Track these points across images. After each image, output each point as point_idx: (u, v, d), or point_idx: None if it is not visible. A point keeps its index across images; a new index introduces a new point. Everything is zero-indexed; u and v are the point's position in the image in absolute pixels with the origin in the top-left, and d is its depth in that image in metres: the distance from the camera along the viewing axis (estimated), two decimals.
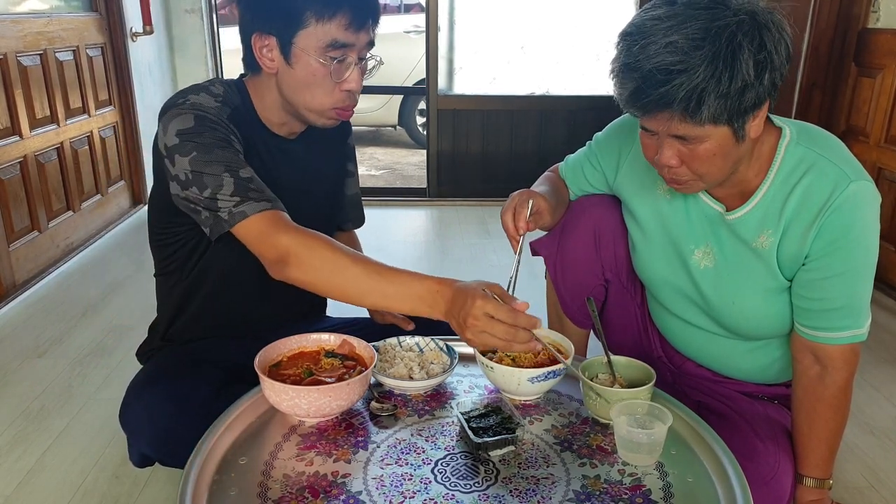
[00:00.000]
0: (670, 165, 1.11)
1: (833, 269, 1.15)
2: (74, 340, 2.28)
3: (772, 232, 1.19)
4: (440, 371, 1.27)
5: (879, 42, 2.78)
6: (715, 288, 1.28)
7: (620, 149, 1.38)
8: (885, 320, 2.49)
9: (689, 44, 0.98)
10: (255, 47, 1.24)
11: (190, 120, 1.20)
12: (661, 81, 1.00)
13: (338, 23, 1.20)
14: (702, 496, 1.01)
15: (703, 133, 1.05)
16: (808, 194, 1.14)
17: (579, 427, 1.17)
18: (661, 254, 1.34)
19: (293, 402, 1.11)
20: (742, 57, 0.99)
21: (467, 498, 0.99)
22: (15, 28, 2.70)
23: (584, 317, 1.54)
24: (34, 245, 2.78)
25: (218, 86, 1.29)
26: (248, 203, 1.16)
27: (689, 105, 1.00)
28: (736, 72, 0.99)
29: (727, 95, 1.00)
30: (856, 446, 1.76)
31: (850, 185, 1.11)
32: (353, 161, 1.60)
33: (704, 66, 0.98)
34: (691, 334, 1.39)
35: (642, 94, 1.02)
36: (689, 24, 0.99)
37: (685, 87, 0.99)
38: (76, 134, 3.11)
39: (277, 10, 1.20)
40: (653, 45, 1.00)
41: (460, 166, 4.05)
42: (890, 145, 2.70)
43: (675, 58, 0.99)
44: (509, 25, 3.95)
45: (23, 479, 1.61)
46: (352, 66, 1.24)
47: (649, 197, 1.34)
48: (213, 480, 1.02)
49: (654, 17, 1.02)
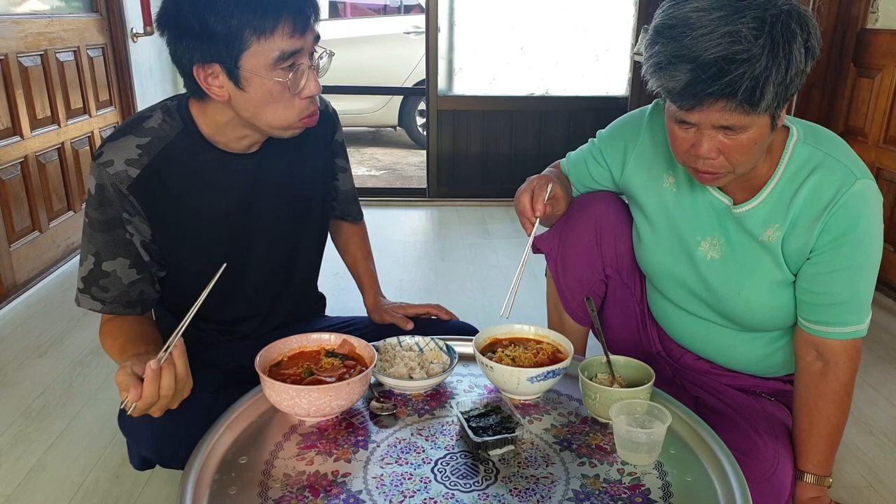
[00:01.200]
0: (710, 157, 1.10)
1: (838, 264, 1.17)
2: (75, 340, 2.29)
3: (779, 226, 1.20)
4: (440, 371, 1.27)
5: (878, 42, 2.78)
6: (721, 278, 1.28)
7: (626, 145, 1.39)
8: (884, 320, 2.49)
9: (751, 33, 0.98)
10: (198, 78, 1.15)
11: (93, 185, 1.23)
12: (724, 71, 0.98)
13: (280, 33, 1.11)
14: (701, 495, 1.01)
15: (751, 122, 1.05)
16: (816, 191, 1.16)
17: (579, 426, 1.17)
18: (667, 245, 1.35)
19: (293, 402, 1.11)
20: (796, 45, 1.00)
21: (467, 497, 0.99)
22: (16, 29, 2.70)
23: (585, 314, 1.54)
24: (35, 245, 2.79)
25: (157, 116, 1.26)
26: (85, 296, 1.28)
27: (752, 95, 1.00)
28: (792, 60, 1.00)
29: (783, 83, 1.01)
30: (855, 446, 1.76)
31: (856, 183, 1.13)
32: (344, 157, 1.56)
33: (766, 54, 0.98)
34: (692, 325, 1.40)
35: (700, 84, 1.01)
36: (743, 13, 0.99)
37: (748, 76, 0.99)
38: (77, 134, 3.11)
39: (213, 36, 1.10)
40: (707, 35, 0.99)
41: (460, 167, 4.05)
42: (888, 145, 2.70)
43: (740, 46, 0.98)
44: (509, 26, 3.95)
45: (23, 479, 1.61)
46: (306, 72, 1.17)
47: (656, 190, 1.35)
48: (213, 480, 1.02)
49: (698, 10, 1.01)
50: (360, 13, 7.18)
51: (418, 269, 3.01)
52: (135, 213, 1.25)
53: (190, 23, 1.11)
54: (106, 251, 1.25)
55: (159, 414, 1.07)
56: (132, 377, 1.03)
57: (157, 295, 1.34)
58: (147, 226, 1.27)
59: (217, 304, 1.38)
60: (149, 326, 1.31)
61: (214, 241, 1.34)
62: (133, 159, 1.23)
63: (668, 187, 1.33)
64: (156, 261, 1.31)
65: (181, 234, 1.30)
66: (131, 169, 1.22)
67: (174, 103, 1.28)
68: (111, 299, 1.27)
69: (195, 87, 1.18)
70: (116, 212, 1.24)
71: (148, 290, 1.31)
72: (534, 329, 1.34)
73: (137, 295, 1.29)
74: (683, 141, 1.12)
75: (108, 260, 1.25)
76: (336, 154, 1.54)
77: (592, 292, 1.51)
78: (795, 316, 1.27)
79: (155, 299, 1.34)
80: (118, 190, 1.22)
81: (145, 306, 1.32)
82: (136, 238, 1.27)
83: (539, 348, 1.28)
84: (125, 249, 1.26)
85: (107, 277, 1.26)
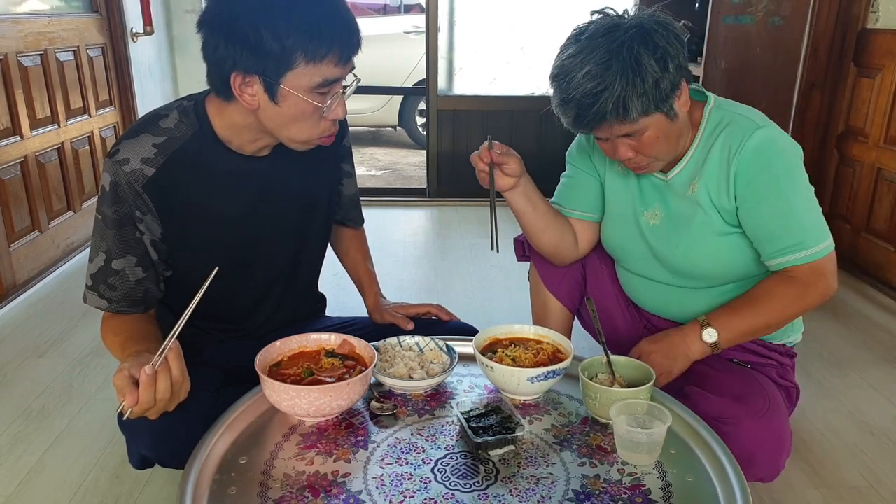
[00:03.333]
0: (628, 158, 1.32)
1: (760, 196, 1.30)
2: (75, 340, 2.28)
3: (698, 178, 1.36)
4: (440, 371, 1.27)
5: (878, 42, 2.78)
6: (662, 239, 1.43)
7: (589, 151, 1.55)
8: (884, 320, 2.49)
9: (601, 68, 1.19)
10: (233, 83, 1.16)
11: (107, 181, 1.24)
12: (592, 103, 1.21)
13: (328, 61, 1.15)
14: (701, 496, 1.01)
15: (642, 126, 1.25)
16: (725, 143, 1.32)
17: (579, 427, 1.17)
18: (621, 221, 1.51)
19: (293, 402, 1.11)
20: (644, 61, 1.19)
21: (467, 497, 0.99)
22: (15, 28, 2.70)
23: (567, 292, 1.64)
24: (35, 245, 2.79)
25: (173, 116, 1.27)
26: (92, 294, 1.28)
27: (619, 112, 1.21)
28: (645, 73, 1.19)
29: (646, 93, 1.21)
30: (855, 446, 1.76)
31: (757, 130, 1.30)
32: (350, 162, 1.58)
33: (619, 79, 1.19)
34: (652, 289, 1.52)
35: (582, 117, 1.24)
36: (595, 52, 1.20)
37: (610, 100, 1.20)
38: (77, 134, 3.11)
39: (264, 51, 1.12)
40: (574, 78, 1.21)
41: (460, 166, 4.04)
42: (889, 145, 2.70)
43: (595, 82, 1.20)
44: (509, 26, 3.95)
45: (23, 479, 1.61)
46: (338, 97, 1.21)
47: (610, 176, 1.52)
48: (213, 480, 1.02)
49: (569, 56, 1.24)
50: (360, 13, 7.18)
51: (418, 269, 3.01)
52: (147, 211, 1.25)
53: (245, 33, 1.11)
54: (116, 249, 1.26)
55: (156, 416, 1.07)
56: (129, 381, 1.03)
57: (160, 294, 1.34)
58: (158, 224, 1.27)
59: (222, 304, 1.39)
60: (150, 324, 1.31)
61: (222, 242, 1.34)
62: (149, 158, 1.23)
63: (619, 171, 1.50)
64: (163, 260, 1.31)
65: (191, 234, 1.31)
66: (147, 167, 1.23)
67: (190, 103, 1.29)
68: (117, 298, 1.28)
69: (224, 89, 1.19)
70: (129, 209, 1.24)
71: (152, 290, 1.31)
72: (534, 329, 1.34)
73: (142, 294, 1.30)
74: (607, 150, 1.35)
75: (117, 258, 1.26)
76: (343, 159, 1.55)
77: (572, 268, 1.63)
78: (742, 265, 1.38)
79: (158, 298, 1.34)
80: (133, 188, 1.23)
81: (148, 305, 1.32)
82: (147, 237, 1.27)
83: (539, 348, 1.28)
84: (134, 247, 1.27)
85: (116, 276, 1.26)
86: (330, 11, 1.15)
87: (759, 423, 1.24)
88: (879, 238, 2.75)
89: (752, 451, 1.22)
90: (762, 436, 1.23)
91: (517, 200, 1.46)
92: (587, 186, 1.55)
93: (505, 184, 1.42)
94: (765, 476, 1.30)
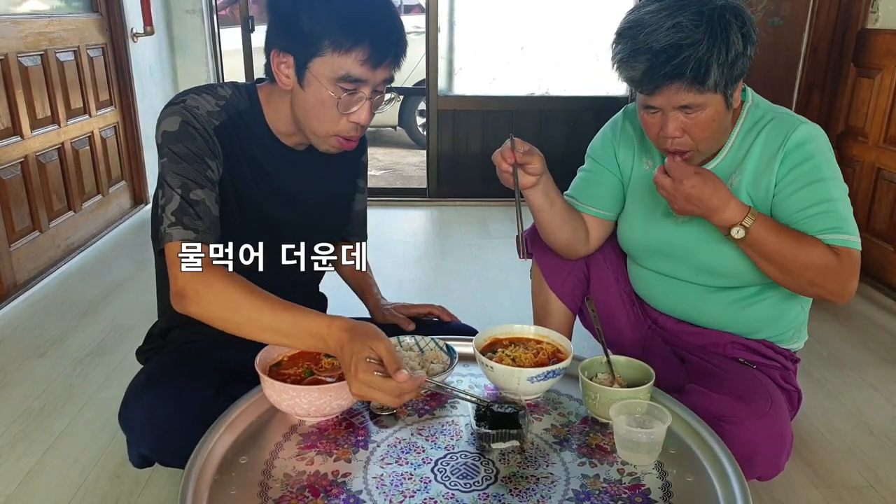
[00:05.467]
0: (675, 136, 1.26)
1: (802, 182, 1.29)
2: (75, 340, 2.28)
3: (737, 173, 1.35)
4: (440, 371, 1.27)
5: (878, 42, 2.78)
6: (693, 235, 1.40)
7: (614, 146, 1.53)
8: (884, 320, 2.49)
9: (691, 23, 1.17)
10: (273, 62, 1.22)
11: (175, 123, 1.21)
12: (673, 55, 1.17)
13: (354, 57, 1.16)
14: (701, 496, 1.01)
15: (705, 100, 1.22)
16: (768, 139, 1.32)
17: (579, 426, 1.17)
18: (647, 218, 1.48)
19: (294, 402, 1.11)
20: (732, 31, 1.18)
21: (467, 497, 0.99)
22: (16, 28, 2.70)
23: (569, 292, 1.62)
24: (35, 245, 2.79)
25: (227, 89, 1.30)
26: (176, 227, 1.16)
27: (698, 74, 1.18)
28: (730, 44, 1.18)
29: (725, 64, 1.19)
30: (855, 446, 1.76)
31: (800, 125, 1.31)
32: (364, 178, 1.59)
33: (706, 39, 1.17)
34: (671, 287, 1.49)
35: (654, 71, 1.19)
36: (685, 9, 1.18)
37: (693, 57, 1.17)
38: (77, 134, 3.11)
39: (298, 31, 1.17)
40: (657, 30, 1.18)
41: (460, 167, 4.05)
42: (889, 145, 2.70)
43: (683, 34, 1.16)
44: (509, 26, 3.95)
45: (24, 479, 1.61)
46: (362, 101, 1.21)
47: (638, 172, 1.50)
48: (213, 480, 1.02)
49: (649, 11, 1.21)
50: None
51: (418, 269, 3.01)
52: (216, 154, 1.24)
53: (285, 12, 1.18)
54: (194, 180, 1.20)
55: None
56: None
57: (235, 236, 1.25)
58: (220, 169, 1.25)
59: None
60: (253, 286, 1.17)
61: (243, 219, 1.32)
62: (214, 112, 1.26)
63: (647, 169, 1.47)
64: None
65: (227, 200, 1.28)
66: (213, 119, 1.25)
67: (241, 84, 1.33)
68: (204, 228, 1.18)
69: (269, 68, 1.25)
70: (202, 146, 1.22)
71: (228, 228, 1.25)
72: (534, 329, 1.34)
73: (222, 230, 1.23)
74: (653, 125, 1.29)
75: (196, 189, 1.19)
76: (358, 174, 1.56)
77: (575, 267, 1.60)
78: None
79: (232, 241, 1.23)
80: (206, 129, 1.23)
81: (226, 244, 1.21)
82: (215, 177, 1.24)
83: (539, 348, 1.28)
84: (210, 182, 1.22)
85: (198, 205, 1.19)
86: (372, 10, 1.18)
87: (761, 423, 1.23)
88: (879, 238, 2.75)
89: (753, 450, 1.22)
90: (763, 435, 1.23)
91: (537, 198, 1.42)
92: (607, 184, 1.53)
93: (527, 182, 1.37)
94: (763, 475, 1.30)
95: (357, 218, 1.62)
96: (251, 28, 3.92)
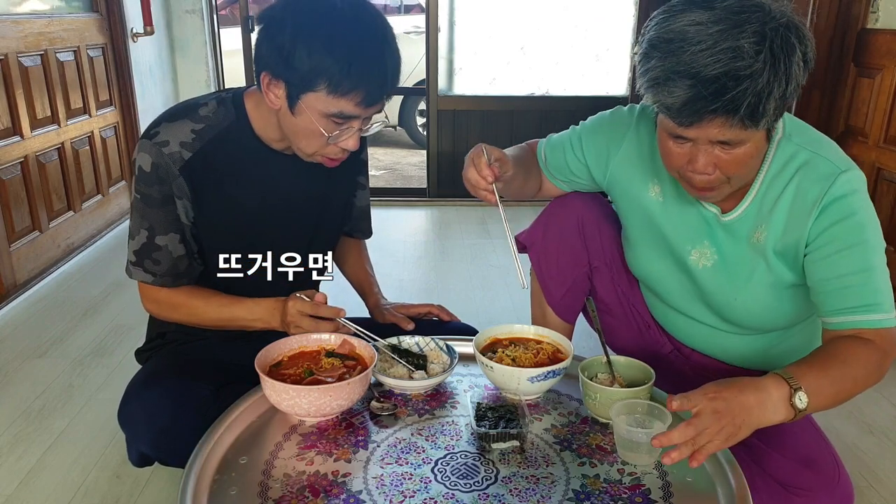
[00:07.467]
0: (707, 174, 1.07)
1: (839, 245, 1.11)
2: (75, 340, 2.29)
3: (765, 227, 1.18)
4: (440, 371, 1.27)
5: (878, 42, 2.78)
6: (717, 286, 1.26)
7: (609, 146, 1.35)
8: None
9: (753, 48, 0.95)
10: (262, 82, 1.19)
11: (147, 163, 1.25)
12: (726, 87, 0.95)
13: (349, 99, 1.15)
14: (701, 496, 1.01)
15: (749, 136, 1.03)
16: (801, 188, 1.13)
17: (579, 426, 1.17)
18: (656, 254, 1.33)
19: (293, 402, 1.11)
20: (795, 58, 0.98)
21: (467, 497, 0.99)
22: (16, 28, 2.70)
23: (567, 308, 1.51)
24: (35, 245, 2.79)
25: (211, 104, 1.30)
26: (137, 269, 1.32)
27: (754, 111, 0.98)
28: (791, 74, 0.98)
29: (783, 97, 1.00)
30: (855, 446, 1.76)
31: (840, 175, 1.11)
32: (365, 174, 1.59)
33: (767, 69, 0.96)
34: (693, 328, 1.38)
35: (701, 101, 0.98)
36: (743, 27, 0.96)
37: (751, 91, 0.96)
38: (77, 134, 3.11)
39: (294, 65, 1.13)
40: (707, 50, 0.96)
41: (460, 166, 4.01)
42: (889, 145, 2.70)
43: (742, 62, 0.95)
44: (509, 26, 3.95)
45: (24, 479, 1.61)
46: (352, 132, 1.21)
47: (640, 198, 1.32)
48: (213, 480, 1.02)
49: (696, 23, 0.98)
50: None
51: (418, 269, 3.01)
52: (182, 194, 1.28)
53: (283, 41, 1.14)
54: (160, 226, 1.29)
55: None
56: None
57: (200, 268, 1.37)
58: (191, 207, 1.30)
59: None
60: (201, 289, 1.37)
61: (240, 234, 1.36)
62: (187, 142, 1.26)
63: (654, 197, 1.30)
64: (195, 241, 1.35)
65: (215, 222, 1.33)
66: (184, 151, 1.26)
67: (228, 95, 1.32)
68: (162, 272, 1.31)
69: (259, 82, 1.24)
70: (169, 190, 1.27)
71: (194, 265, 1.35)
72: (534, 329, 1.34)
73: (185, 268, 1.33)
74: (679, 157, 1.09)
75: (161, 234, 1.29)
76: (359, 171, 1.56)
77: (576, 285, 1.47)
78: (796, 314, 1.25)
79: (198, 273, 1.36)
80: (171, 170, 1.25)
81: (190, 279, 1.35)
82: (183, 216, 1.30)
83: (539, 348, 1.28)
84: (176, 225, 1.30)
85: (159, 251, 1.30)
86: (371, 53, 1.16)
87: (835, 495, 1.14)
88: None
89: None
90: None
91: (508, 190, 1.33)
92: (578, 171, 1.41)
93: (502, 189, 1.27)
94: None
95: (361, 214, 1.62)
96: (251, 28, 3.92)
